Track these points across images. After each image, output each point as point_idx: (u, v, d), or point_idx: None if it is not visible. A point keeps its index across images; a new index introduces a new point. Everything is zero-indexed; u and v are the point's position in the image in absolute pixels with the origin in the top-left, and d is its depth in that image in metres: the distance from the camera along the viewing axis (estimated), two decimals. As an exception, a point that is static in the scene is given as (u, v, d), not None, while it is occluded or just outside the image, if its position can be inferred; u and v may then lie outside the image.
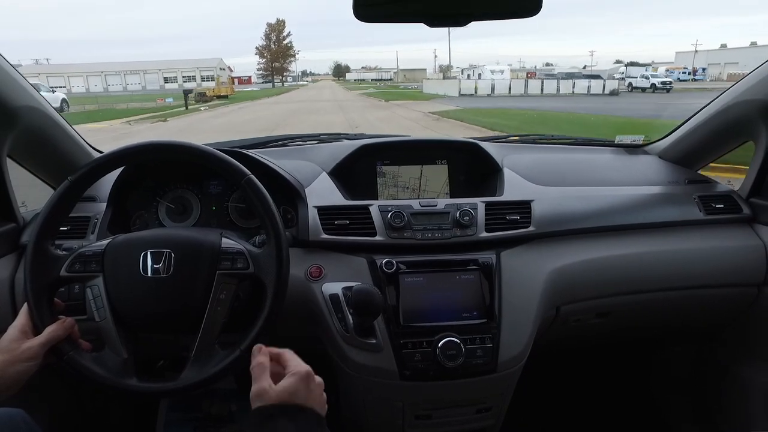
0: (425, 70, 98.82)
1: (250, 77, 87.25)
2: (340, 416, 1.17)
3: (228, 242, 0.80)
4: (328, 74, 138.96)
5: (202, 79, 72.68)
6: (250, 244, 0.82)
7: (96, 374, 0.73)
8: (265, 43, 79.94)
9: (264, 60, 79.93)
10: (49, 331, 0.71)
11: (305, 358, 0.68)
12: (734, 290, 1.18)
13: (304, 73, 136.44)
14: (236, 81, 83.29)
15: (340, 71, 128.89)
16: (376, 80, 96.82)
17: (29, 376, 0.68)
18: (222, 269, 0.77)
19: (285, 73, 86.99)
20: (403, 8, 0.74)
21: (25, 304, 0.74)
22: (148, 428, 1.52)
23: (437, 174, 1.22)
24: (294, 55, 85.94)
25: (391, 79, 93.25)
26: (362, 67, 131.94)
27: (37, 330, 0.71)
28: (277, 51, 78.27)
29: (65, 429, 1.32)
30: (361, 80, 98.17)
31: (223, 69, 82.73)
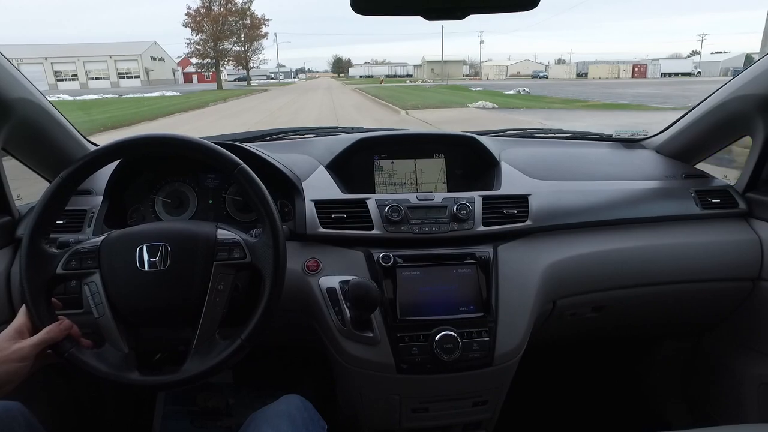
0: (462, 62, 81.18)
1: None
2: (337, 409, 1.18)
3: (223, 233, 0.80)
4: (327, 71, 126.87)
5: (120, 76, 46.85)
6: (247, 235, 0.82)
7: (98, 370, 0.73)
8: (202, 4, 36.91)
9: (201, 35, 37.03)
10: (44, 332, 0.71)
11: (303, 351, 0.68)
12: (729, 284, 1.19)
13: (301, 70, 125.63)
14: (195, 78, 63.34)
15: (340, 66, 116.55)
16: (390, 76, 78.66)
17: (21, 376, 0.67)
18: (219, 260, 0.77)
19: (253, 64, 44.55)
20: (401, 1, 0.74)
21: (24, 305, 0.74)
22: (146, 421, 1.53)
23: (434, 168, 1.22)
24: (263, 30, 42.21)
25: (410, 75, 77.45)
26: (365, 62, 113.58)
27: (35, 330, 0.71)
28: (225, 18, 36.69)
29: (63, 422, 1.32)
30: (369, 76, 78.52)
31: (159, 59, 51.43)
